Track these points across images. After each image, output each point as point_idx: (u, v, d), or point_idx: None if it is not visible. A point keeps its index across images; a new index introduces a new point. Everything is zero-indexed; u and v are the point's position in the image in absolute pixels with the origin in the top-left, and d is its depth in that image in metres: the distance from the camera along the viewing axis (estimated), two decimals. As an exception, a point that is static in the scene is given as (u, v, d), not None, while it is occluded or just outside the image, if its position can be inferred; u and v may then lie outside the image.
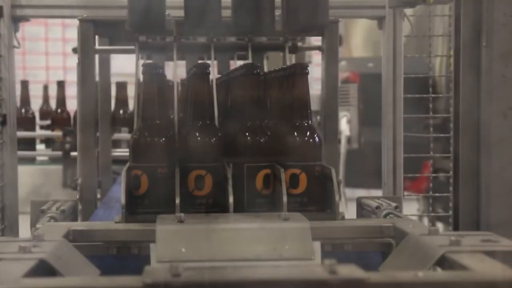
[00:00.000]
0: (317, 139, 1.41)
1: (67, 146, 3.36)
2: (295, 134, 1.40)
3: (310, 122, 1.42)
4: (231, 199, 1.30)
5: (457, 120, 1.62)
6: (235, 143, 1.40)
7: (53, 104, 4.01)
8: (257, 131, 1.41)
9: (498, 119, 1.55)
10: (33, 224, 1.44)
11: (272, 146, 1.40)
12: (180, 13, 1.42)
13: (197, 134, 1.38)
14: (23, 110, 3.89)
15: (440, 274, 0.99)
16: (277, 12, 1.45)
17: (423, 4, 1.90)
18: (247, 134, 1.40)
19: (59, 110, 3.91)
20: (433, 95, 2.20)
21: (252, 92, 1.42)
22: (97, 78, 2.26)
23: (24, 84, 3.96)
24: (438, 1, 1.91)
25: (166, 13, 1.49)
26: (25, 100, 3.93)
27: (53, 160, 3.66)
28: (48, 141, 3.79)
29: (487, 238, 1.09)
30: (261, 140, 1.40)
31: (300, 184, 1.38)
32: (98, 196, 2.06)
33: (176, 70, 1.50)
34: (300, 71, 1.43)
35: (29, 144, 3.73)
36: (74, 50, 1.92)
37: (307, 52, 3.18)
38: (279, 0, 1.45)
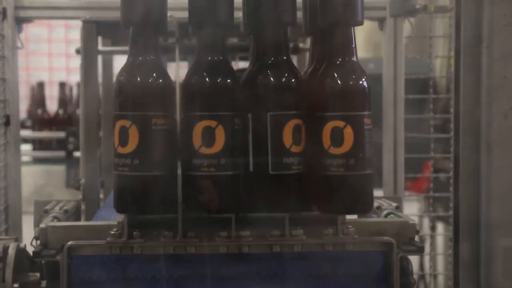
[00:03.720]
0: (365, 83, 1.11)
1: (70, 146, 3.37)
2: (336, 75, 1.08)
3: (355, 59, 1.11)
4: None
5: (457, 120, 1.62)
6: (255, 87, 1.08)
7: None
8: (284, 69, 1.08)
9: (499, 120, 1.55)
10: (36, 224, 1.45)
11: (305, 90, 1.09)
12: (183, 14, 1.43)
13: (205, 74, 1.07)
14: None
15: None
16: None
17: (424, 13, 1.90)
18: (269, 73, 1.07)
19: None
20: (433, 96, 2.21)
21: None
22: (100, 79, 2.27)
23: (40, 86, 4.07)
24: (439, 10, 1.92)
25: (169, 14, 1.50)
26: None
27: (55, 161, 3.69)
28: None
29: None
30: (290, 81, 1.07)
31: (345, 141, 1.09)
32: (101, 196, 2.07)
33: (178, 71, 1.51)
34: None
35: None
36: (77, 51, 1.93)
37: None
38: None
